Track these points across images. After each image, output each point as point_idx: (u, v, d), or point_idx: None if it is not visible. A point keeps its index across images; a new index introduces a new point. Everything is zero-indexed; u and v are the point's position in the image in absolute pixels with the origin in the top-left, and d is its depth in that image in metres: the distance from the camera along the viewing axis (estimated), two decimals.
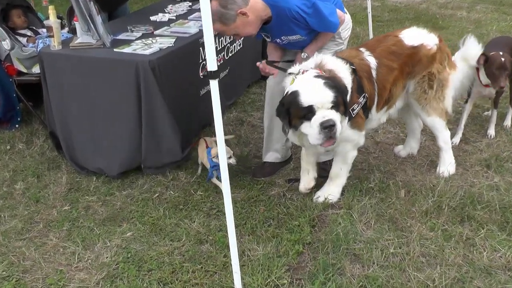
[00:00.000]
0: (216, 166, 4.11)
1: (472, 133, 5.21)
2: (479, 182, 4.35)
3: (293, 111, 3.55)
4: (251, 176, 4.49)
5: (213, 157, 4.20)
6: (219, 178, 4.15)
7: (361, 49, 4.03)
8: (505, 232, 3.72)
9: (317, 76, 3.59)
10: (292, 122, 3.61)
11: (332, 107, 3.49)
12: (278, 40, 4.04)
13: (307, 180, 4.18)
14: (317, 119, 3.47)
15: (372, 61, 3.95)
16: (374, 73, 3.94)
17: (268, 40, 4.15)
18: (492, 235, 3.69)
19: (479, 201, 4.06)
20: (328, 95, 3.48)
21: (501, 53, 4.67)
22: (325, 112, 3.47)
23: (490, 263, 3.44)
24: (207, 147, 4.35)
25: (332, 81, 3.55)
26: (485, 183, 4.31)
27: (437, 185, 4.26)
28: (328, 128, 3.45)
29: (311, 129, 3.51)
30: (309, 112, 3.49)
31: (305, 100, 3.48)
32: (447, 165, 4.47)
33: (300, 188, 4.20)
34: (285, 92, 3.65)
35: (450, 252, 3.53)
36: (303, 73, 3.68)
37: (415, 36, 4.17)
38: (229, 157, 4.16)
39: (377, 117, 4.18)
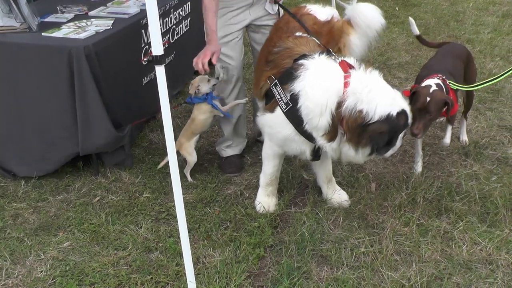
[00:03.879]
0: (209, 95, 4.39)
1: None
2: (457, 171, 4.52)
3: (398, 134, 3.54)
4: (223, 172, 4.62)
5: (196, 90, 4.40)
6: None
7: (299, 34, 3.98)
8: (485, 224, 3.90)
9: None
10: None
11: None
12: None
13: (275, 203, 4.19)
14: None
15: None
16: None
17: None
18: (472, 227, 3.86)
19: (458, 191, 4.23)
20: None
21: (433, 84, 4.07)
22: None
23: (470, 257, 3.59)
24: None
25: None
26: (463, 172, 4.49)
27: (411, 176, 4.41)
28: None
29: (398, 143, 3.60)
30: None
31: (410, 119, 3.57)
32: None
33: (262, 211, 4.11)
34: (387, 115, 3.38)
35: (427, 248, 3.67)
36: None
37: (323, 10, 4.25)
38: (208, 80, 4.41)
39: None
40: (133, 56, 4.81)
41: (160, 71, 2.84)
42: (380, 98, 3.37)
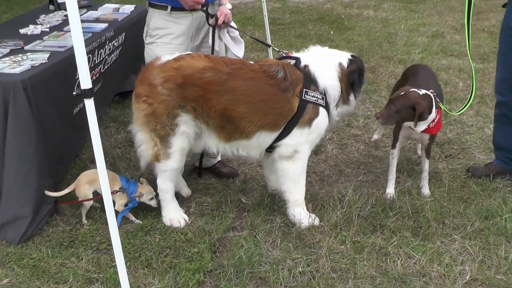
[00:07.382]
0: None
1: (383, 137, 5.47)
2: None
3: (363, 71, 4.28)
4: None
5: (138, 196, 4.23)
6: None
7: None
8: (418, 238, 3.96)
9: None
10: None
11: None
12: None
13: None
14: None
15: None
16: None
17: None
18: (406, 242, 3.92)
19: (391, 207, 4.30)
20: None
21: (426, 92, 4.22)
22: None
23: (405, 271, 3.65)
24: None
25: None
26: (396, 189, 4.56)
27: (345, 195, 4.45)
28: None
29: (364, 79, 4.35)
30: None
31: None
32: None
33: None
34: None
35: (363, 264, 3.70)
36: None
37: None
38: (151, 198, 4.28)
39: None
40: (68, 88, 4.68)
41: (89, 105, 2.81)
42: (338, 53, 4.21)
